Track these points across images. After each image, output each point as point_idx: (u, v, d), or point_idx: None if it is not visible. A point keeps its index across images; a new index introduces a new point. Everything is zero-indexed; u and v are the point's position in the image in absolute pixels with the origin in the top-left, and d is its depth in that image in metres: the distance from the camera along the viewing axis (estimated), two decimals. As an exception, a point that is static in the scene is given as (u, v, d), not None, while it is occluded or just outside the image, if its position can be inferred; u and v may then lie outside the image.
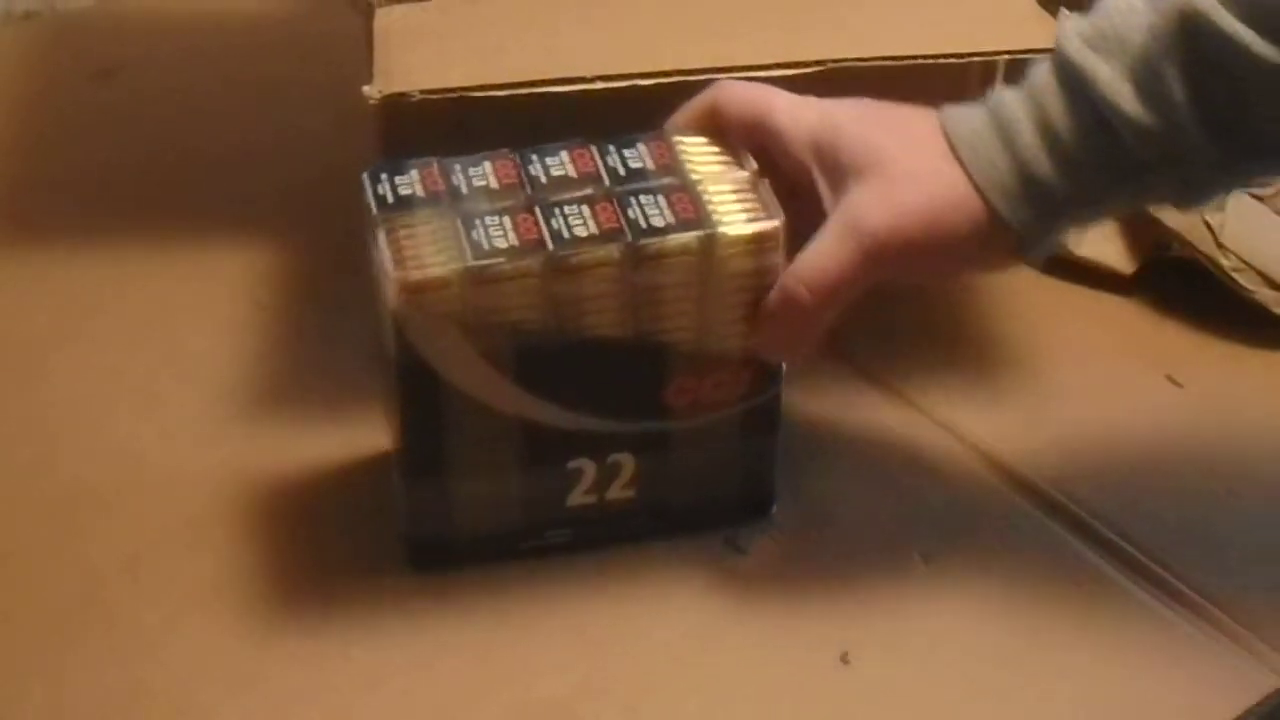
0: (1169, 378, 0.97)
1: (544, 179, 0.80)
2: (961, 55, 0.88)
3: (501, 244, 0.76)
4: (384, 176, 0.79)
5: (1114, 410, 0.95)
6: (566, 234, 0.77)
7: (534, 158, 0.80)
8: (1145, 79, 0.72)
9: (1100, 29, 0.74)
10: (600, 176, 0.80)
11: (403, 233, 0.77)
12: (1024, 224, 0.75)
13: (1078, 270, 1.04)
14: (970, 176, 0.75)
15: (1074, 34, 0.74)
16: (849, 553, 0.86)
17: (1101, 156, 0.74)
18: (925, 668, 0.80)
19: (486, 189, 0.79)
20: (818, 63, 0.86)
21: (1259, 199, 1.03)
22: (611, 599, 0.83)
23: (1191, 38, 0.71)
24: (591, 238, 0.77)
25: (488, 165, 0.80)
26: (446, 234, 0.77)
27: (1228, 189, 0.80)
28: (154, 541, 0.86)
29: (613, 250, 0.76)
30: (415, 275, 0.75)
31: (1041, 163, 0.74)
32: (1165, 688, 0.80)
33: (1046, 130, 0.74)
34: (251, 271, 1.04)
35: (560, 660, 0.80)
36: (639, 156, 0.80)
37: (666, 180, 0.79)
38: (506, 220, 0.77)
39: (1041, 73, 0.75)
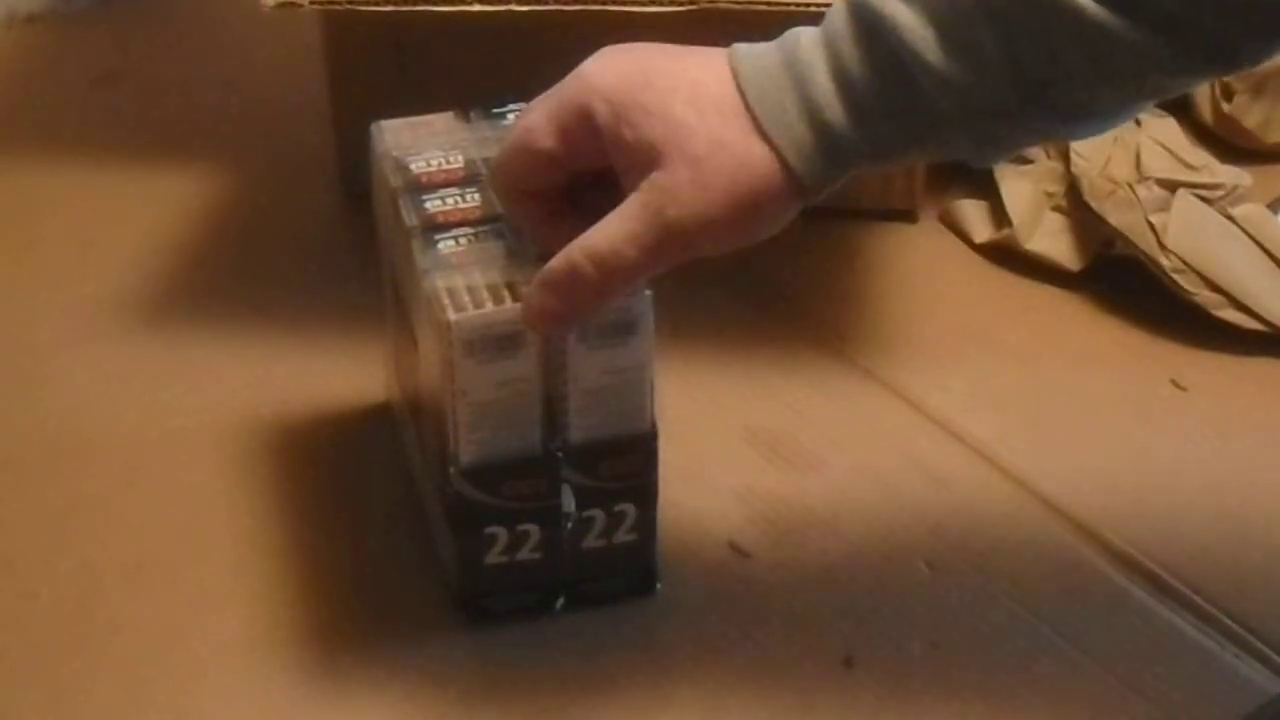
0: (1173, 382, 0.97)
1: None
2: None
3: (437, 164, 0.83)
4: (511, 103, 0.86)
5: (1118, 414, 0.95)
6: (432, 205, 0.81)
7: None
8: (953, 26, 0.67)
9: None
10: None
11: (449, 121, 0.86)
12: (814, 176, 0.71)
13: (1027, 264, 1.04)
14: (766, 134, 0.70)
15: None
16: (853, 557, 0.86)
17: (898, 106, 0.69)
18: (929, 672, 0.80)
19: None
20: (690, 0, 0.88)
21: (1207, 201, 1.02)
22: (613, 602, 0.83)
23: None
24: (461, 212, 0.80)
25: None
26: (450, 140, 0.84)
27: (1023, 147, 0.75)
28: (156, 546, 0.86)
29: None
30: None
31: (836, 112, 0.69)
32: (1169, 691, 0.79)
33: (842, 77, 0.69)
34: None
35: (562, 664, 0.80)
36: None
37: None
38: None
39: (837, 15, 0.70)
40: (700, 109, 0.71)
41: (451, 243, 0.78)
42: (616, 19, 0.91)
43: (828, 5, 0.89)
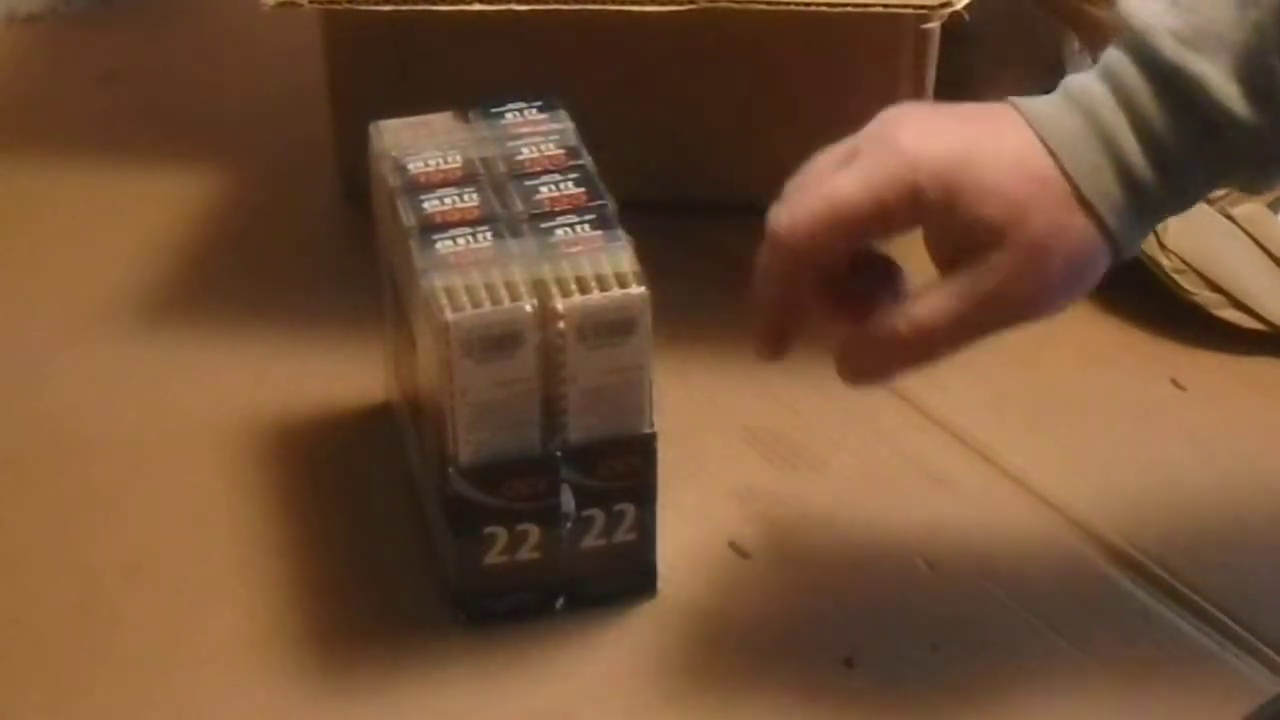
0: (1173, 381, 0.97)
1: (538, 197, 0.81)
2: (859, 5, 0.89)
3: (435, 164, 0.82)
4: (510, 103, 0.86)
5: (1118, 414, 0.95)
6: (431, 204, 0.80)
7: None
8: (1255, 77, 0.69)
9: (1194, 25, 0.70)
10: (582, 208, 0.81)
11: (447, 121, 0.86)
12: (1128, 236, 0.72)
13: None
14: (1087, 202, 0.71)
15: (1164, 31, 0.70)
16: (853, 557, 0.86)
17: (1203, 159, 0.71)
18: (929, 672, 0.80)
19: (525, 158, 0.83)
20: (691, 0, 0.89)
21: (1207, 201, 1.02)
22: (613, 602, 0.83)
23: None
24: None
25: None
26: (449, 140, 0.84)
27: None
28: (156, 546, 0.86)
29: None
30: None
31: (1146, 173, 0.71)
32: (1169, 691, 0.79)
33: (1149, 138, 0.71)
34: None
35: (562, 664, 0.80)
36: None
37: None
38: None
39: (1129, 73, 0.71)
40: (1030, 184, 0.71)
41: (449, 243, 0.78)
42: (616, 19, 0.91)
43: (828, 6, 0.90)
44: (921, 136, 0.72)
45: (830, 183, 0.72)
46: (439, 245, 0.78)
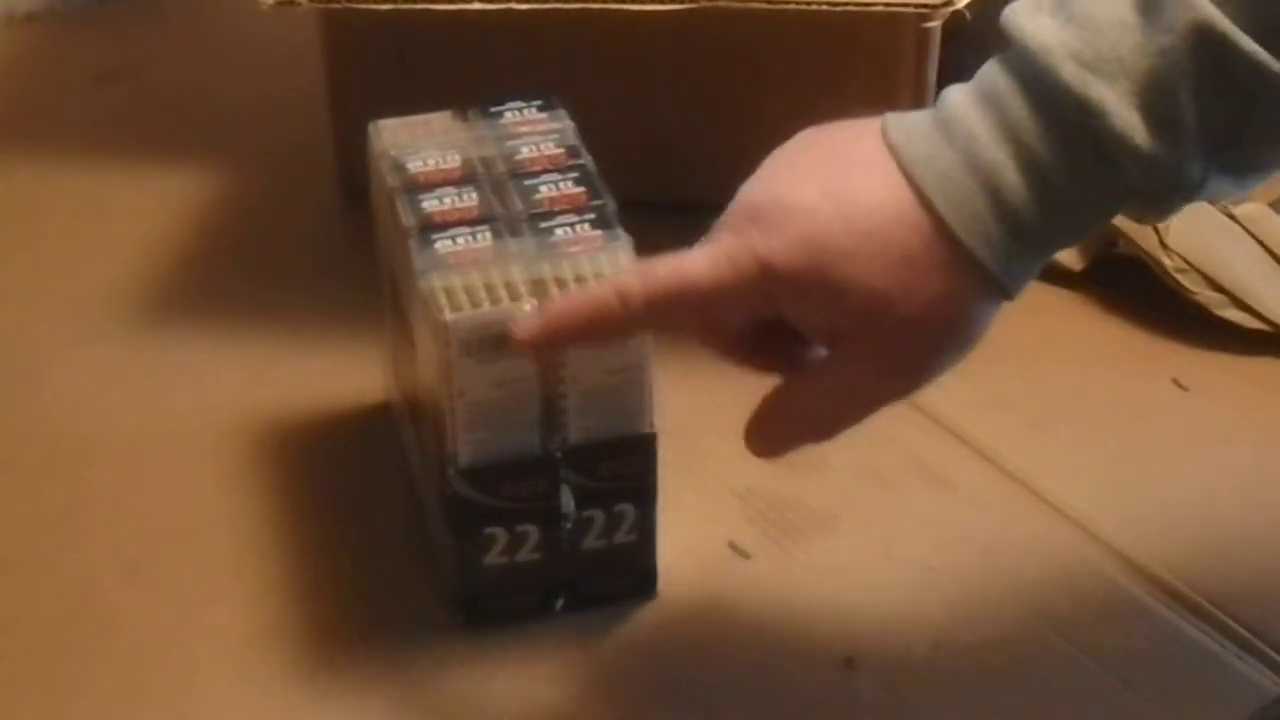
0: (1175, 381, 0.97)
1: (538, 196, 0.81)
2: (859, 5, 0.89)
3: (434, 163, 0.82)
4: (509, 103, 0.86)
5: (1120, 414, 0.95)
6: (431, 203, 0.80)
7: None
8: (1158, 106, 0.64)
9: (1096, 48, 0.64)
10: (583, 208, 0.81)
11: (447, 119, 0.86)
12: (1017, 279, 0.68)
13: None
14: (969, 254, 0.66)
15: (1065, 54, 0.64)
16: (853, 557, 0.86)
17: (1096, 193, 0.66)
18: (930, 672, 0.80)
19: (524, 157, 0.83)
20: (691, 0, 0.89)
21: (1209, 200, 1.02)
22: (613, 602, 0.83)
23: (1209, 59, 0.64)
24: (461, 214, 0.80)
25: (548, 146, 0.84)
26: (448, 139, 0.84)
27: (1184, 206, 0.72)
28: (155, 546, 0.86)
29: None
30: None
31: (1033, 213, 0.66)
32: (1170, 692, 0.79)
33: (1035, 174, 0.66)
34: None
35: (561, 665, 0.80)
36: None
37: None
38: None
39: (1014, 103, 0.66)
40: (899, 270, 0.67)
41: (449, 242, 0.78)
42: (616, 19, 0.91)
43: (828, 5, 0.90)
44: (779, 225, 0.68)
45: (688, 258, 0.69)
46: (438, 245, 0.78)
